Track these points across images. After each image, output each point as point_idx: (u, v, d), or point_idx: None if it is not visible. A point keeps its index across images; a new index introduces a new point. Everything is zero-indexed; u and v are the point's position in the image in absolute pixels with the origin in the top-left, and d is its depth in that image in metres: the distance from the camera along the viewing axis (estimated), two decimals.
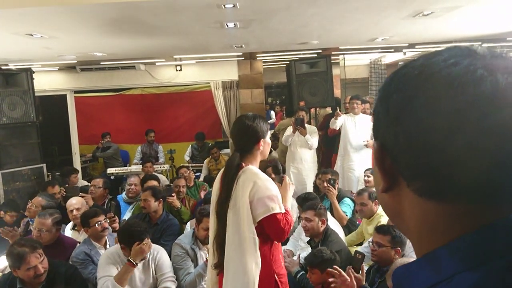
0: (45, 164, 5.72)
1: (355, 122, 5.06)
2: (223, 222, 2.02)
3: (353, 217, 3.83)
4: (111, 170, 6.30)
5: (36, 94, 5.61)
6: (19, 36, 3.78)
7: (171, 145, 7.53)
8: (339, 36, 4.95)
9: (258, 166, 2.13)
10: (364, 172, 4.46)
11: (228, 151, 7.08)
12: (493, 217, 0.44)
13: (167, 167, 6.44)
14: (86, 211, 3.37)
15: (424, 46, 6.29)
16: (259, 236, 1.98)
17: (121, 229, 2.84)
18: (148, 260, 2.80)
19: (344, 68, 8.44)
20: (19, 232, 3.61)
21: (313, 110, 6.40)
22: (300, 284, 2.76)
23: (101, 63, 6.25)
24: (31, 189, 5.31)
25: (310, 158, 5.10)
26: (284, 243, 3.39)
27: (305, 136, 4.93)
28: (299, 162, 5.08)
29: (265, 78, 7.12)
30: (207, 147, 7.04)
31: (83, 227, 3.21)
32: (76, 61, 5.94)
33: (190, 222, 3.74)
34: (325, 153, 6.23)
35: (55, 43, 4.20)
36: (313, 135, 5.01)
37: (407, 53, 7.30)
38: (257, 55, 6.58)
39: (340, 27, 4.34)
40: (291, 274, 2.77)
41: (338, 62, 8.21)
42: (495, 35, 5.51)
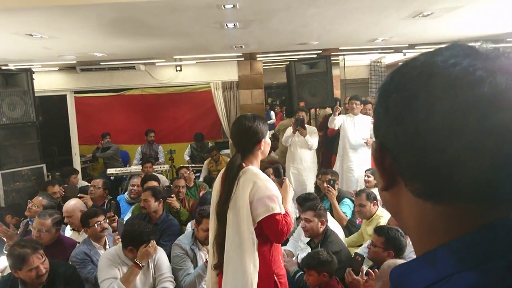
0: (45, 165, 5.71)
1: (354, 122, 5.06)
2: (223, 222, 2.02)
3: (353, 217, 3.83)
4: (111, 171, 6.30)
5: (36, 94, 5.61)
6: (19, 36, 3.78)
7: (171, 145, 7.53)
8: (339, 37, 4.96)
9: (259, 165, 2.14)
10: (365, 172, 4.46)
11: (228, 151, 7.08)
12: (492, 217, 0.44)
13: (167, 167, 6.44)
14: (86, 211, 3.37)
15: (424, 47, 6.29)
16: (258, 237, 1.98)
17: (127, 231, 2.79)
18: (148, 261, 2.80)
19: (344, 69, 8.46)
20: (16, 232, 3.61)
21: (313, 110, 6.40)
22: (298, 284, 2.76)
23: (101, 63, 6.25)
24: (31, 189, 5.31)
25: (310, 159, 5.10)
26: (284, 244, 3.39)
27: (305, 137, 4.93)
28: (299, 163, 5.07)
29: (265, 78, 7.13)
30: (206, 147, 7.03)
31: (82, 227, 3.21)
32: (76, 62, 5.94)
33: (190, 222, 3.74)
34: (324, 153, 6.23)
35: (55, 43, 4.20)
36: (313, 135, 5.01)
37: (407, 54, 7.31)
38: (257, 56, 6.58)
39: (340, 28, 4.34)
40: (289, 274, 2.77)
41: (338, 63, 8.22)
42: (494, 35, 5.51)
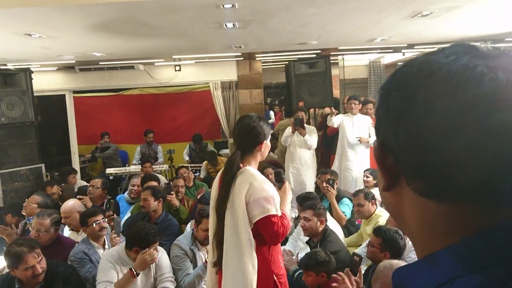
0: (43, 164, 5.70)
1: (353, 122, 5.06)
2: (222, 220, 2.02)
3: (352, 217, 3.83)
4: (110, 170, 6.28)
5: (35, 94, 5.60)
6: (17, 36, 3.77)
7: (170, 145, 7.53)
8: (338, 37, 4.96)
9: (257, 166, 2.13)
10: (364, 172, 4.46)
11: (227, 151, 7.07)
12: (494, 217, 0.43)
13: (166, 167, 6.43)
14: (84, 210, 3.37)
15: (423, 47, 6.29)
16: (257, 237, 1.98)
17: (133, 232, 2.75)
18: None
19: (343, 69, 8.45)
20: (16, 232, 3.60)
21: (312, 110, 6.40)
22: (298, 283, 2.75)
23: (100, 63, 6.24)
24: (29, 189, 5.30)
25: (309, 159, 5.10)
26: (283, 243, 3.39)
27: (304, 136, 4.93)
28: (298, 163, 5.08)
29: (264, 78, 7.12)
30: (204, 148, 7.03)
31: (81, 226, 3.20)
32: (74, 61, 5.93)
33: (190, 222, 3.74)
34: (323, 153, 6.23)
35: (53, 43, 4.19)
36: (312, 135, 5.01)
37: (406, 54, 7.31)
38: (256, 55, 6.58)
39: (340, 28, 4.34)
40: (288, 273, 2.76)
41: (337, 63, 8.22)
42: (494, 35, 5.52)
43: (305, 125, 5.02)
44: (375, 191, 4.04)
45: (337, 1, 3.22)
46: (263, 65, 6.94)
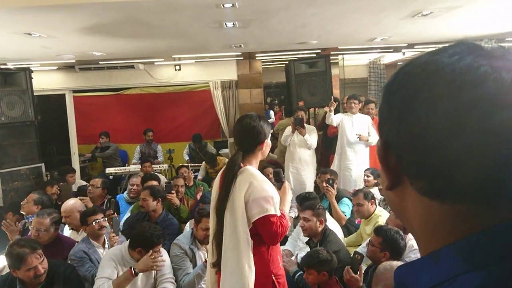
0: (43, 164, 5.70)
1: (352, 121, 5.06)
2: (221, 220, 2.02)
3: (352, 217, 3.83)
4: (109, 170, 6.28)
5: (35, 94, 5.59)
6: (17, 35, 3.77)
7: (169, 144, 7.52)
8: (338, 36, 4.95)
9: (258, 166, 2.13)
10: (364, 172, 4.46)
11: (227, 151, 7.07)
12: (496, 217, 0.43)
13: (166, 166, 6.43)
14: (85, 210, 3.37)
15: (423, 46, 6.30)
16: (256, 237, 1.98)
17: (137, 233, 2.73)
18: None
19: (343, 68, 8.46)
20: (18, 229, 3.59)
21: (312, 110, 6.40)
22: (298, 284, 2.75)
23: (100, 62, 6.24)
24: (29, 188, 5.29)
25: (309, 158, 5.10)
26: (283, 243, 3.38)
27: (304, 136, 4.93)
28: (298, 162, 5.08)
29: (264, 78, 7.12)
30: (204, 148, 7.03)
31: (81, 225, 3.20)
32: (74, 61, 5.93)
33: (190, 221, 3.74)
34: (323, 153, 6.23)
35: (53, 42, 4.19)
36: (312, 134, 5.01)
37: (406, 53, 7.32)
38: (256, 55, 6.57)
39: (339, 27, 4.34)
40: (289, 274, 2.77)
41: (337, 62, 8.22)
42: (494, 35, 5.52)
43: (305, 124, 5.02)
44: (375, 190, 4.05)
45: (337, 1, 3.22)
46: (263, 65, 6.95)
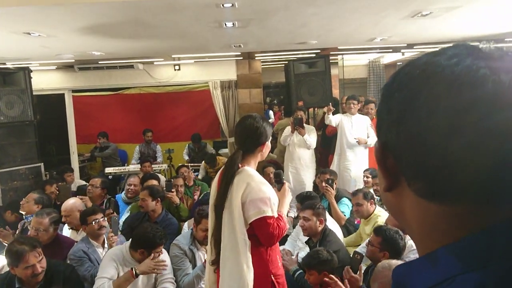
0: (42, 163, 5.69)
1: (351, 122, 5.06)
2: (220, 219, 2.02)
3: (351, 217, 3.83)
4: (109, 170, 6.28)
5: (34, 93, 5.58)
6: (16, 34, 3.76)
7: (169, 144, 7.51)
8: (337, 36, 4.95)
9: (256, 167, 2.13)
10: (364, 172, 4.46)
11: (226, 151, 7.07)
12: (495, 218, 0.43)
13: (165, 166, 6.43)
14: (84, 209, 3.36)
15: (422, 47, 6.30)
16: (254, 237, 1.98)
17: (139, 234, 2.72)
18: None
19: (343, 68, 8.46)
20: (11, 232, 3.60)
21: (311, 110, 6.40)
22: (298, 284, 2.75)
23: (99, 62, 6.24)
24: (28, 188, 5.28)
25: (308, 158, 5.11)
26: (283, 243, 3.39)
27: (303, 136, 4.93)
28: (297, 162, 5.08)
29: (264, 78, 7.12)
30: (203, 148, 7.03)
31: (81, 225, 3.20)
32: (74, 60, 5.92)
33: (188, 222, 3.73)
34: (322, 153, 6.24)
35: (53, 42, 4.18)
36: (311, 134, 5.02)
37: (405, 54, 7.32)
38: (255, 55, 6.57)
39: (339, 27, 4.34)
40: (289, 273, 2.77)
41: (337, 62, 8.22)
42: (493, 35, 5.52)
43: (304, 124, 5.02)
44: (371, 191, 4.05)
45: (336, 1, 3.22)
46: (262, 65, 6.95)
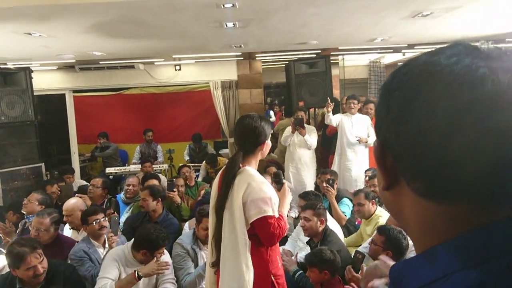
0: (43, 164, 5.70)
1: (352, 122, 5.06)
2: (221, 220, 2.03)
3: (352, 217, 3.83)
4: (109, 170, 6.28)
5: (35, 93, 5.60)
6: (17, 34, 3.77)
7: (169, 144, 7.51)
8: (338, 36, 4.95)
9: (257, 166, 2.13)
10: (365, 172, 4.46)
11: (227, 151, 7.07)
12: (493, 217, 0.44)
13: (166, 166, 6.44)
14: (85, 209, 3.36)
15: (423, 47, 6.29)
16: (255, 237, 1.98)
17: (142, 235, 2.72)
18: None
19: (343, 69, 8.46)
20: (14, 230, 3.60)
21: (312, 110, 6.40)
22: (298, 284, 2.76)
23: (100, 62, 6.24)
24: (29, 188, 5.28)
25: (309, 158, 5.11)
26: (283, 243, 3.39)
27: (304, 136, 4.93)
28: (298, 162, 5.08)
29: (264, 78, 7.12)
30: (204, 148, 7.02)
31: (82, 225, 3.20)
32: (75, 60, 5.93)
33: (188, 222, 3.74)
34: (322, 153, 6.24)
35: (54, 42, 4.19)
36: (312, 134, 5.02)
37: (406, 54, 7.31)
38: (256, 55, 6.58)
39: (340, 27, 4.34)
40: (289, 273, 2.77)
41: (337, 63, 8.22)
42: (494, 36, 5.52)
43: (305, 125, 5.02)
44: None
45: (336, 1, 3.22)
46: (263, 65, 6.94)
